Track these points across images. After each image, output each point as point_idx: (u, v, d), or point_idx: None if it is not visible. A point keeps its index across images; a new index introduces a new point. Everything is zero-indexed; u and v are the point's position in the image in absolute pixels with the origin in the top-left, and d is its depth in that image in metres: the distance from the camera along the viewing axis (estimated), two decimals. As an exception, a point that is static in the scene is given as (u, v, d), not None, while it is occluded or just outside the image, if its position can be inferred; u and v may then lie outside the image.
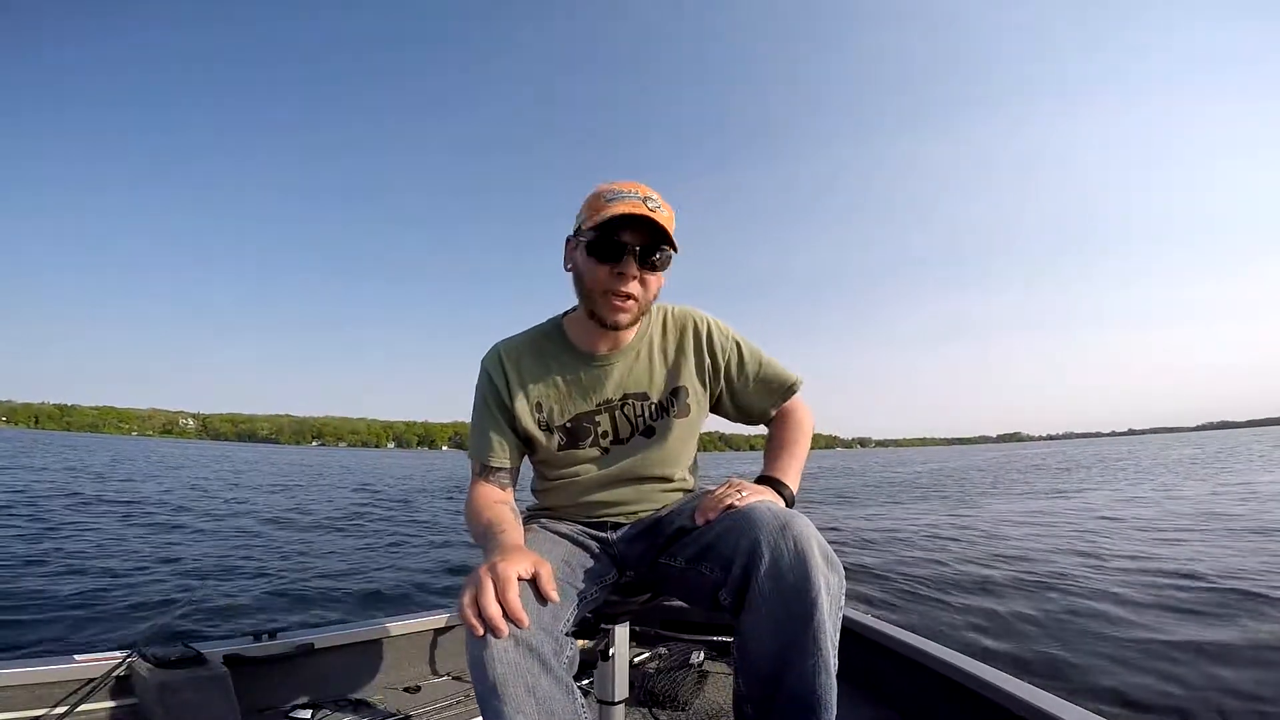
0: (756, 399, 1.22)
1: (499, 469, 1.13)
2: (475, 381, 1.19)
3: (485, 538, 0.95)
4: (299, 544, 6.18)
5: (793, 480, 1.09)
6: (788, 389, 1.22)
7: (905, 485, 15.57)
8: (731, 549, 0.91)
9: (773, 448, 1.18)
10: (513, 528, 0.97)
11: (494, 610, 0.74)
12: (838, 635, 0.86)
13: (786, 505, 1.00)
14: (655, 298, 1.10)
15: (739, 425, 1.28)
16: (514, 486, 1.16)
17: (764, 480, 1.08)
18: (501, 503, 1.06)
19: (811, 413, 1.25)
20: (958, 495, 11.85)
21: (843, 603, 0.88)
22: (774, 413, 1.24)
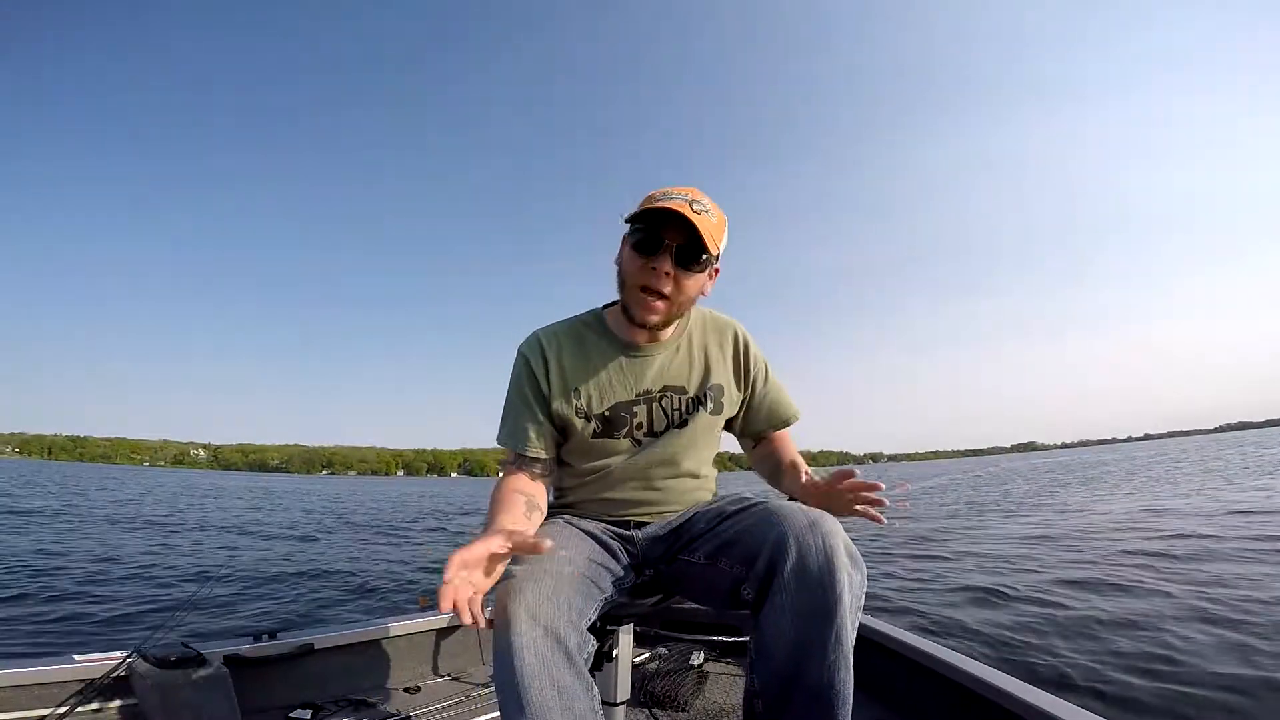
0: (763, 419, 1.25)
1: (533, 459, 1.11)
2: (507, 376, 1.17)
3: (487, 524, 0.95)
4: (300, 546, 6.18)
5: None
6: (789, 418, 1.26)
7: (925, 498, 15.34)
8: (757, 544, 0.92)
9: (793, 459, 1.19)
10: (508, 512, 0.96)
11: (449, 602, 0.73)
12: (855, 633, 0.88)
13: None
14: (693, 301, 1.12)
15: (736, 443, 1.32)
16: (548, 477, 1.15)
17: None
18: (520, 492, 1.04)
19: None
20: (976, 506, 11.66)
21: (862, 602, 0.90)
22: (767, 435, 1.27)
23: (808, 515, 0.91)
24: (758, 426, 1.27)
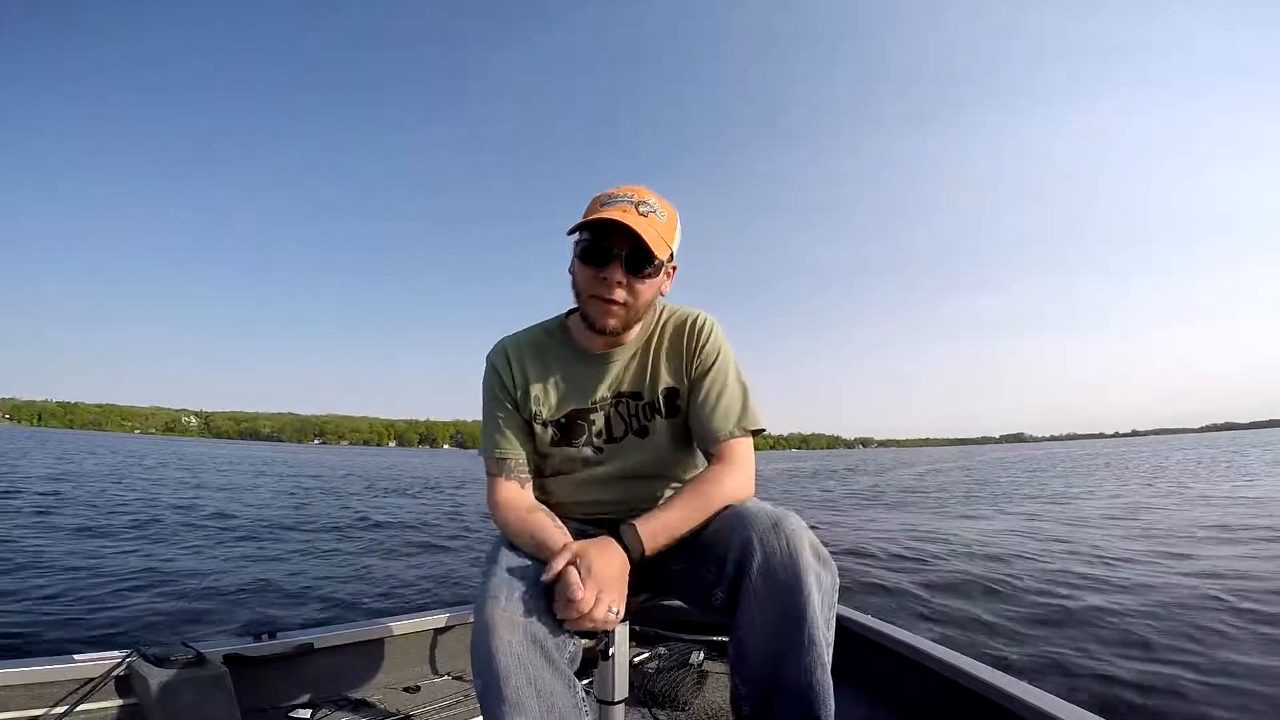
0: (705, 419, 1.08)
1: (516, 462, 1.11)
2: (481, 380, 1.18)
3: (543, 544, 0.94)
4: (299, 544, 6.18)
5: (656, 534, 0.93)
6: (742, 428, 1.07)
7: (909, 488, 15.51)
8: (724, 547, 0.91)
9: (678, 491, 1.03)
10: (546, 530, 0.97)
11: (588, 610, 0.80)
12: (832, 633, 0.88)
13: (630, 559, 0.91)
14: (650, 303, 1.09)
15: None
16: (531, 478, 1.13)
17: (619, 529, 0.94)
18: (534, 510, 1.04)
19: (750, 480, 1.04)
20: (960, 498, 11.81)
21: (836, 600, 0.90)
22: (715, 448, 1.06)
23: (771, 516, 0.89)
24: (699, 430, 1.09)
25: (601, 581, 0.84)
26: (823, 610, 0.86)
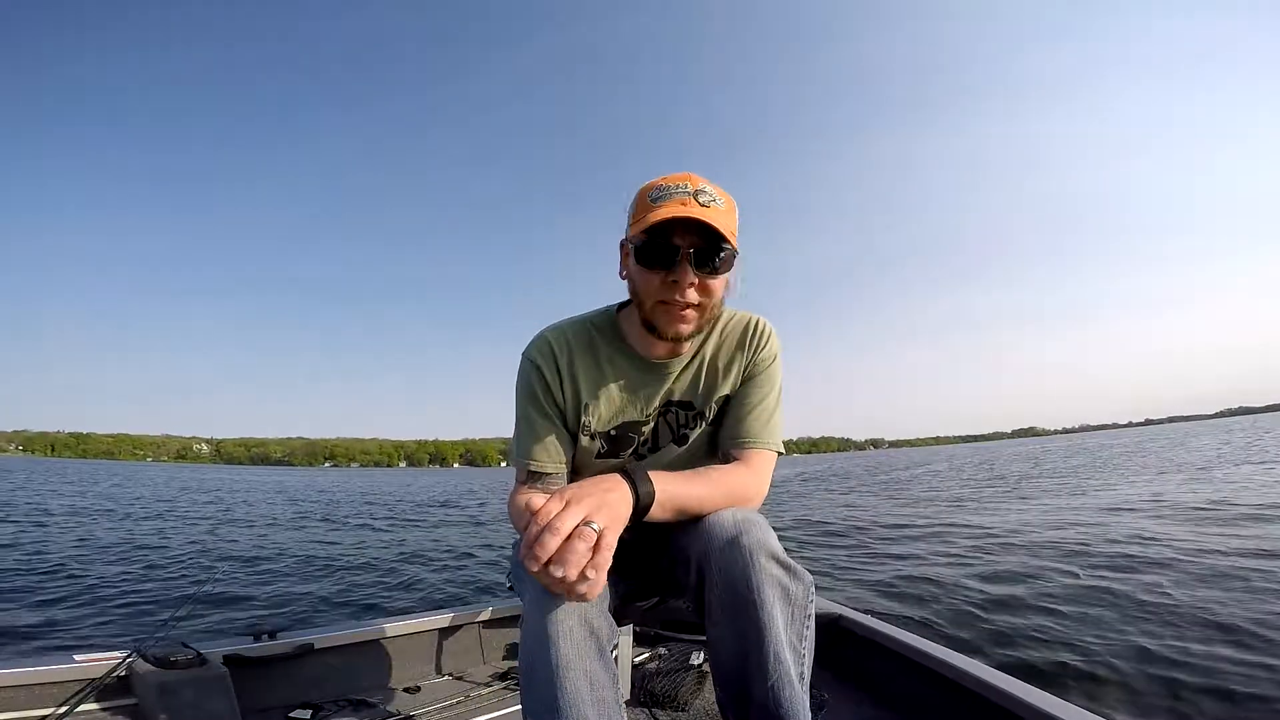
0: (739, 420, 1.05)
1: (550, 474, 1.01)
2: (515, 377, 1.05)
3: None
4: (300, 545, 6.21)
5: (670, 489, 0.86)
6: (761, 443, 1.03)
7: (911, 484, 15.36)
8: (686, 558, 0.87)
9: (696, 469, 0.97)
10: None
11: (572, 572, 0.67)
12: (807, 643, 0.84)
13: (637, 505, 0.82)
14: (722, 302, 0.99)
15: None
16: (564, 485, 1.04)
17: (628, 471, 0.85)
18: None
19: (762, 493, 1.02)
20: (964, 493, 11.68)
21: (811, 610, 0.85)
22: (740, 452, 1.04)
23: (735, 526, 0.83)
24: (726, 433, 1.06)
25: (573, 493, 0.73)
26: (792, 624, 0.82)
